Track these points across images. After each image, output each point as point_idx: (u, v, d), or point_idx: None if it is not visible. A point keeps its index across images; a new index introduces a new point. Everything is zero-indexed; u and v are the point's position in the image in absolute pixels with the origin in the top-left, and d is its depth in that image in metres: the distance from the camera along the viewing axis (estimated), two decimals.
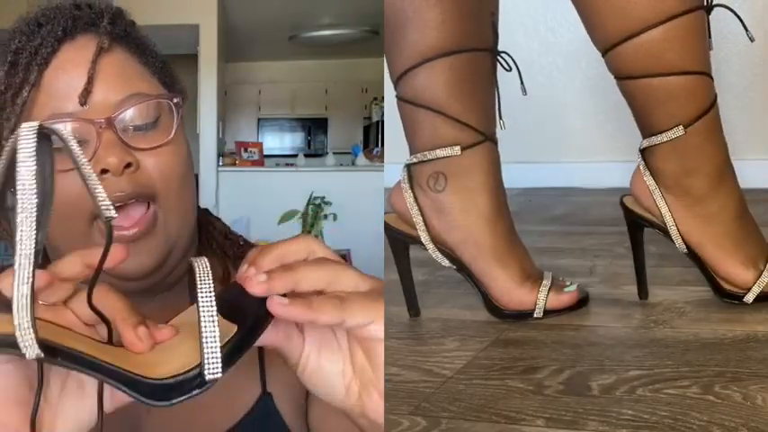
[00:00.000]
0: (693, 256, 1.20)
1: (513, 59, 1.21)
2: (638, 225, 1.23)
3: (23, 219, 0.42)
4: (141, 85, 0.66)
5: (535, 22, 2.46)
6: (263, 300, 0.48)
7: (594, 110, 2.40)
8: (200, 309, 0.45)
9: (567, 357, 1.06)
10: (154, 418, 0.68)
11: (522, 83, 1.21)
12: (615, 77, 1.15)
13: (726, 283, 1.19)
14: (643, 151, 1.18)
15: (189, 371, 0.45)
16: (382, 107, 5.78)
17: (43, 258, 0.67)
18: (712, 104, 1.14)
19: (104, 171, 0.62)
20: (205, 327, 0.44)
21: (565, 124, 2.46)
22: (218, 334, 0.45)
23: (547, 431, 0.87)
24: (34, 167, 0.42)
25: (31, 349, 0.43)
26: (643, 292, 1.25)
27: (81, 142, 0.63)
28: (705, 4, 1.12)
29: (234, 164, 4.71)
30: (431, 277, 1.46)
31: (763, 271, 1.17)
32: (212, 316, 0.45)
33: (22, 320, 0.42)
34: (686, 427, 0.84)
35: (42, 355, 0.43)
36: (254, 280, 0.48)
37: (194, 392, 0.45)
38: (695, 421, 0.85)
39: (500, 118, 1.22)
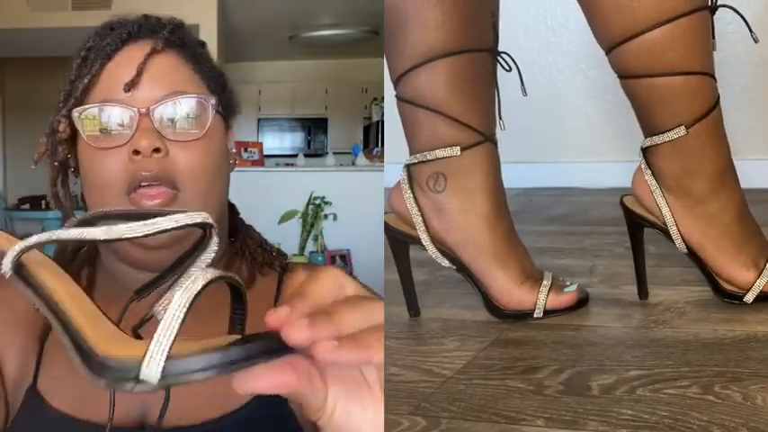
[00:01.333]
0: (694, 256, 1.20)
1: (513, 60, 1.21)
2: (638, 225, 1.23)
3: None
4: (187, 87, 0.74)
5: (535, 22, 2.46)
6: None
7: (594, 110, 2.40)
8: (174, 301, 0.41)
9: (567, 357, 1.06)
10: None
11: (522, 83, 1.21)
12: (618, 76, 1.15)
13: (726, 284, 1.19)
14: (645, 151, 1.19)
15: (138, 359, 0.40)
16: (382, 107, 5.77)
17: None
18: (715, 105, 1.14)
19: (136, 152, 0.70)
20: (167, 321, 0.40)
21: (565, 124, 2.46)
22: (175, 331, 0.40)
23: (547, 431, 0.87)
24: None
25: (8, 260, 0.43)
26: (643, 291, 1.26)
27: (124, 127, 0.72)
28: (710, 4, 1.12)
29: (234, 164, 4.69)
30: (431, 277, 1.46)
31: (762, 270, 1.17)
32: (182, 308, 0.41)
33: (29, 242, 0.44)
34: (686, 427, 0.84)
35: (10, 267, 0.44)
36: (296, 325, 0.43)
37: (126, 386, 0.40)
38: (695, 421, 0.85)
39: (500, 118, 1.22)
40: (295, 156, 6.41)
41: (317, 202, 4.47)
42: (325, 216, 4.49)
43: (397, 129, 1.25)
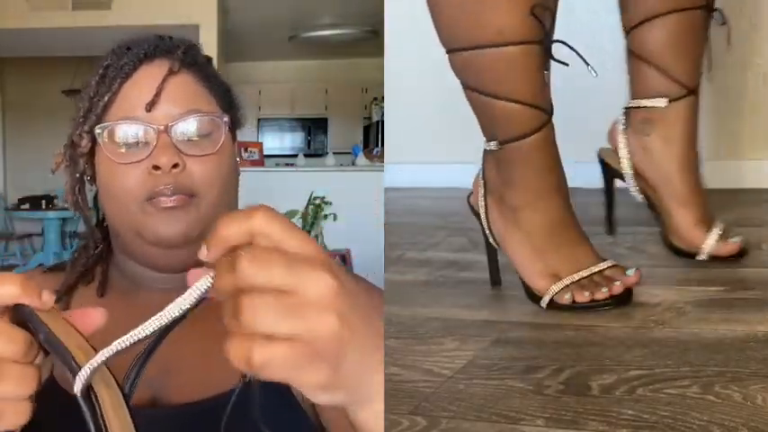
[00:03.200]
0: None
1: (723, 15, 1.37)
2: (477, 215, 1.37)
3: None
4: (200, 104, 0.79)
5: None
6: None
7: (593, 110, 2.39)
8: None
9: (567, 357, 1.06)
10: (172, 376, 0.73)
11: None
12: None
13: (529, 286, 1.27)
14: (484, 154, 1.31)
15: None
16: (382, 107, 5.76)
17: (104, 238, 0.84)
18: (534, 131, 1.23)
19: (156, 167, 0.75)
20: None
21: (564, 124, 2.46)
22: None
23: (547, 431, 0.87)
24: None
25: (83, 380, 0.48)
26: (493, 276, 1.37)
27: (144, 143, 0.76)
28: (544, 40, 1.19)
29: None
30: (431, 277, 1.46)
31: (558, 281, 1.23)
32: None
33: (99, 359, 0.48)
34: (686, 427, 0.84)
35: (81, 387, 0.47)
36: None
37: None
38: (695, 421, 0.85)
39: (709, 71, 1.39)
40: (295, 156, 6.42)
41: (317, 202, 4.47)
42: (325, 216, 4.49)
43: (397, 129, 1.25)
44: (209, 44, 4.86)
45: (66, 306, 0.80)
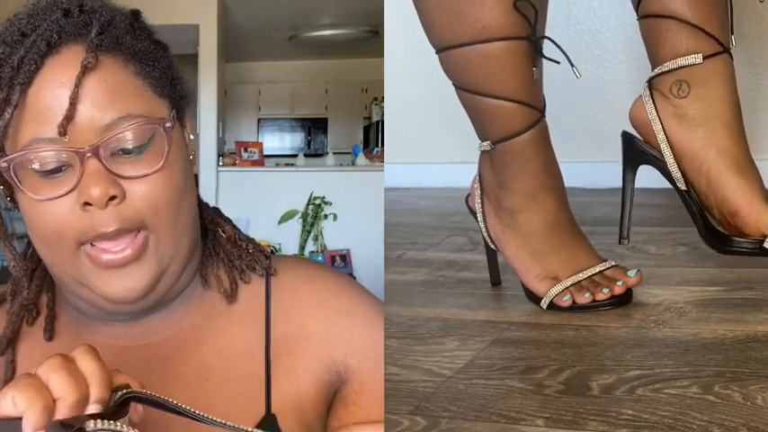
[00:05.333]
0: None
1: None
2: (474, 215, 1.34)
3: None
4: (133, 105, 0.62)
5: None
6: None
7: (594, 110, 2.40)
8: None
9: (567, 357, 1.06)
10: None
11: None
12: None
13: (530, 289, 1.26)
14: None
15: None
16: (382, 107, 5.76)
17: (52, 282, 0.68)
18: (526, 129, 1.21)
19: (87, 204, 0.59)
20: None
21: (564, 124, 2.46)
22: None
23: (547, 431, 0.87)
24: None
25: None
26: (493, 276, 1.35)
27: (64, 167, 0.60)
28: (531, 36, 1.16)
29: (234, 164, 4.70)
30: (431, 277, 1.46)
31: (558, 283, 1.22)
32: None
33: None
34: (686, 427, 0.84)
35: None
36: None
37: None
38: (695, 421, 0.85)
39: (732, 33, 1.19)
40: (295, 156, 6.41)
41: (317, 202, 4.47)
42: (325, 216, 4.49)
43: (398, 129, 1.25)
44: (209, 44, 4.87)
45: (12, 359, 0.66)
